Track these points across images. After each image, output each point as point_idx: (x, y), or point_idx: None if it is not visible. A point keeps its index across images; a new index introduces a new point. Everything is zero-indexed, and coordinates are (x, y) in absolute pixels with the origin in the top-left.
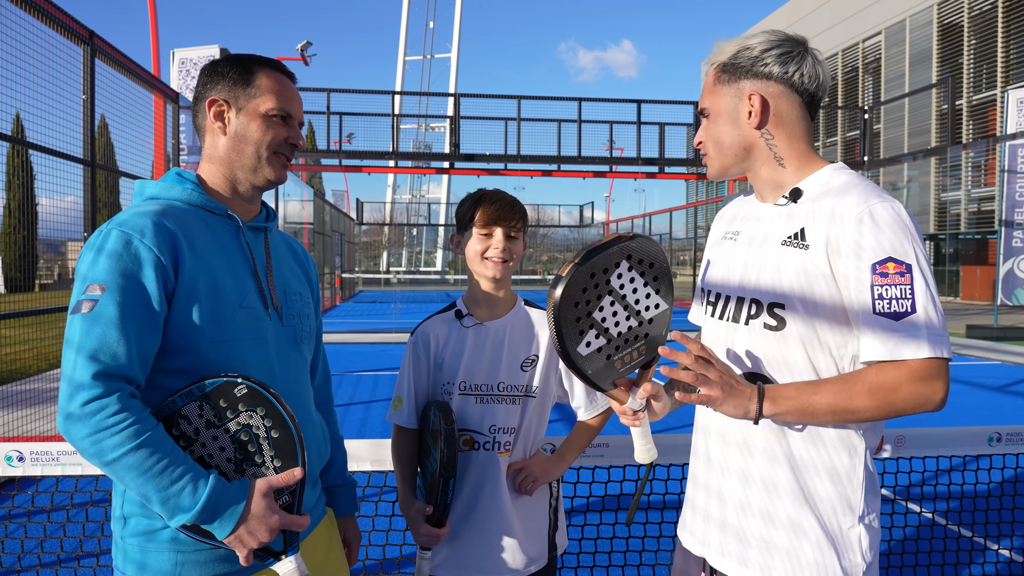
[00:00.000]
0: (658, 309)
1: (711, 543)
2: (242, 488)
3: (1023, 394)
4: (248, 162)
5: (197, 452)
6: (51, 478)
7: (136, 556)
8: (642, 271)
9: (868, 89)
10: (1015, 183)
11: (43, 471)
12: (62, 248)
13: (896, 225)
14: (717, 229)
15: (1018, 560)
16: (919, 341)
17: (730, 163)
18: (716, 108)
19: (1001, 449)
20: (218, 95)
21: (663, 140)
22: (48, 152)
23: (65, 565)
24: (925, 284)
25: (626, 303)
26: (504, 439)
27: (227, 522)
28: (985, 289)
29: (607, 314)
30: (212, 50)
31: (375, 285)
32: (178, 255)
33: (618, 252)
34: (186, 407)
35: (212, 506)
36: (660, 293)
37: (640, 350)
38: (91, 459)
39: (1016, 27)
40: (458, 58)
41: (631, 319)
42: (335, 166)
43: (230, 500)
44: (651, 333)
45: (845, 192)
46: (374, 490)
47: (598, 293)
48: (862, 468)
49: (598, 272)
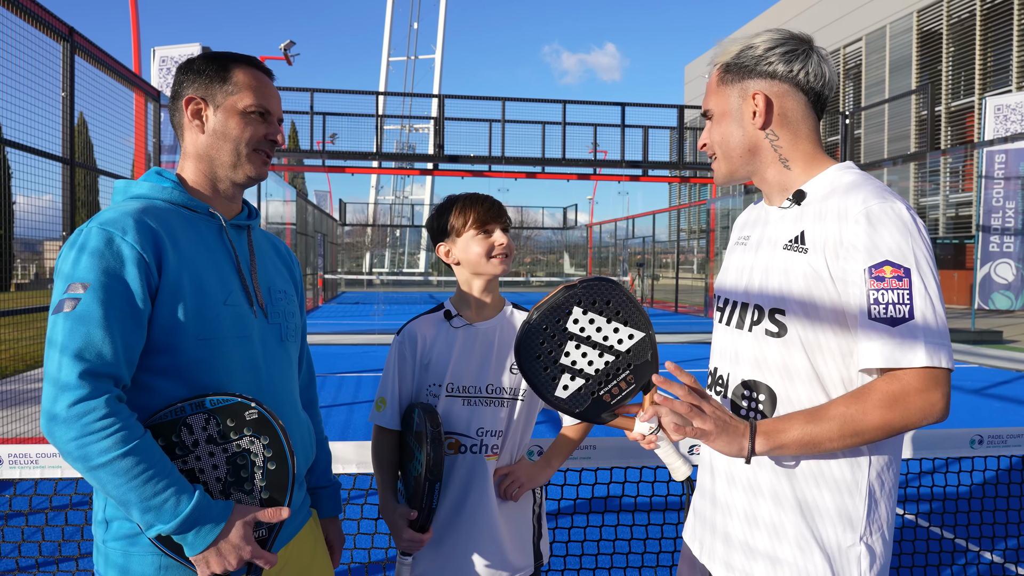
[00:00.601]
0: (633, 339)
1: (716, 555)
2: (225, 509)
3: (1001, 397)
4: (227, 159)
5: (189, 464)
6: (30, 481)
7: (118, 560)
8: (599, 310)
9: (849, 95)
10: (992, 189)
11: (21, 474)
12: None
13: (894, 226)
14: (733, 235)
15: (999, 562)
16: (915, 349)
17: (737, 165)
18: (720, 109)
19: (983, 452)
20: (195, 93)
21: (647, 143)
22: (25, 150)
23: (44, 569)
24: (925, 289)
25: (593, 342)
26: (491, 442)
27: (201, 540)
28: (963, 293)
29: (576, 357)
30: (193, 48)
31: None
32: (161, 253)
33: (565, 300)
34: (192, 416)
35: (192, 521)
36: (630, 324)
37: (628, 380)
38: (74, 462)
39: (994, 35)
40: (442, 59)
41: (605, 355)
42: (318, 166)
43: (210, 518)
44: (634, 362)
45: (848, 192)
46: (359, 492)
47: (557, 342)
48: (865, 481)
49: (550, 324)
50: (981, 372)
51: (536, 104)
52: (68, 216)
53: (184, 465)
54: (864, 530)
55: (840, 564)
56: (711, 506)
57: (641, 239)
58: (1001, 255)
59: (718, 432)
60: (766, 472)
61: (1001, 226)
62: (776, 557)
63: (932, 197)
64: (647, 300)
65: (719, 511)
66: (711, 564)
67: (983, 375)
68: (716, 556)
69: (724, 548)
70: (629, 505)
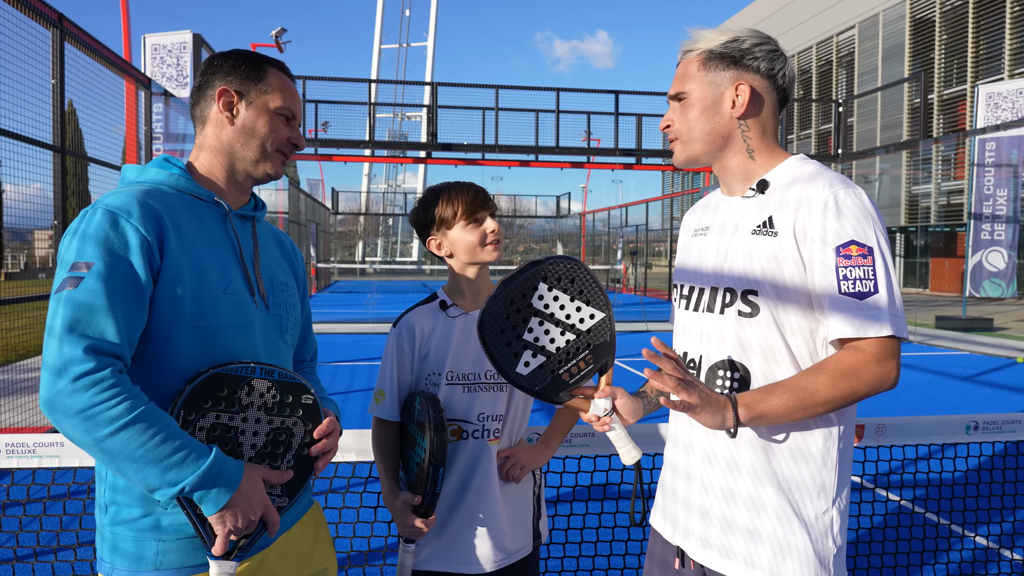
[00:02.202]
0: (593, 319)
1: (692, 532)
2: (238, 467)
3: (992, 383)
4: (252, 155)
5: (235, 421)
6: (27, 470)
7: (119, 545)
8: (564, 288)
9: (842, 82)
10: (984, 177)
11: (19, 463)
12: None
13: (859, 211)
14: (687, 227)
15: (994, 547)
16: (882, 320)
17: (701, 151)
18: (697, 94)
19: (978, 437)
20: (229, 85)
21: (640, 131)
22: (14, 137)
23: (42, 558)
24: (885, 267)
25: (556, 320)
26: (493, 426)
27: (223, 495)
28: (954, 281)
29: (539, 334)
30: (184, 35)
31: (351, 275)
32: (163, 236)
33: (532, 276)
34: (259, 380)
35: (214, 473)
36: (592, 304)
37: (586, 359)
38: (84, 435)
39: (986, 23)
40: (434, 47)
41: (566, 333)
42: (310, 155)
43: (230, 473)
44: (593, 342)
45: (811, 181)
46: (358, 480)
47: (522, 317)
48: (836, 451)
49: (516, 298)
50: (972, 359)
51: (529, 92)
52: (59, 204)
53: (229, 420)
54: (835, 497)
55: (816, 532)
56: (686, 483)
57: (635, 227)
58: (992, 243)
59: (703, 405)
60: (745, 449)
61: (992, 214)
62: (756, 530)
63: (924, 185)
64: (640, 288)
65: (695, 487)
66: (686, 542)
67: (974, 362)
68: (692, 534)
69: (701, 524)
70: (628, 492)
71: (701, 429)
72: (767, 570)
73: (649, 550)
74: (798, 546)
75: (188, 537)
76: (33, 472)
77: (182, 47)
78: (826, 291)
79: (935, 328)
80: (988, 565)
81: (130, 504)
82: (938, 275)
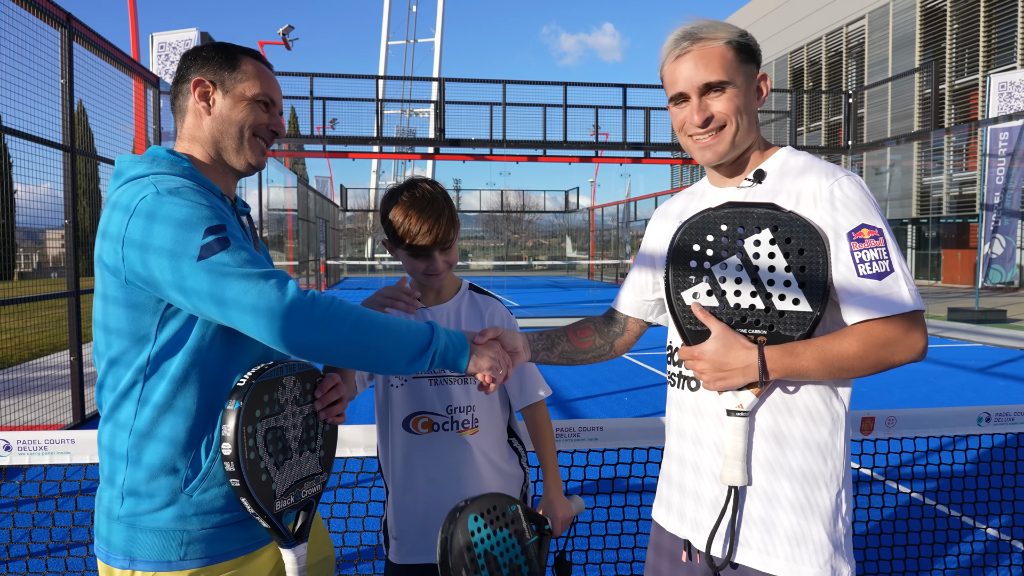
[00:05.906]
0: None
1: (702, 526)
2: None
3: (1005, 375)
4: (231, 144)
5: (280, 421)
6: (39, 467)
7: (138, 537)
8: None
9: (852, 73)
10: (996, 167)
11: (31, 460)
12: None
13: (862, 195)
14: (667, 214)
15: (1005, 539)
16: (903, 296)
17: (750, 141)
18: (742, 84)
19: (990, 429)
20: (204, 76)
21: (648, 124)
22: (26, 137)
23: (55, 554)
24: (896, 245)
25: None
26: (462, 417)
27: (465, 351)
28: (966, 272)
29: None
30: (191, 33)
31: (360, 272)
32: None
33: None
34: (287, 377)
35: (446, 334)
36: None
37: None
38: (334, 333)
39: (998, 11)
40: (442, 42)
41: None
42: (319, 152)
43: (454, 333)
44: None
45: (805, 172)
46: (367, 476)
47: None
48: (842, 438)
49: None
50: (985, 351)
51: (537, 87)
52: (70, 204)
53: (277, 422)
54: (842, 482)
55: (828, 518)
56: (694, 476)
57: (643, 221)
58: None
59: (727, 348)
60: (759, 442)
61: (1000, 204)
62: (770, 521)
63: (936, 176)
64: None
65: (705, 480)
66: (695, 534)
67: (988, 354)
68: (702, 526)
69: (712, 517)
70: (636, 486)
71: (711, 422)
72: (784, 558)
73: (654, 543)
74: (812, 533)
75: (213, 528)
76: (45, 469)
77: (189, 45)
78: (843, 276)
79: (948, 320)
80: (1000, 557)
81: (152, 494)
82: (950, 267)
